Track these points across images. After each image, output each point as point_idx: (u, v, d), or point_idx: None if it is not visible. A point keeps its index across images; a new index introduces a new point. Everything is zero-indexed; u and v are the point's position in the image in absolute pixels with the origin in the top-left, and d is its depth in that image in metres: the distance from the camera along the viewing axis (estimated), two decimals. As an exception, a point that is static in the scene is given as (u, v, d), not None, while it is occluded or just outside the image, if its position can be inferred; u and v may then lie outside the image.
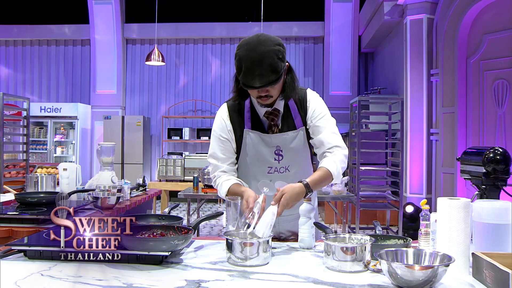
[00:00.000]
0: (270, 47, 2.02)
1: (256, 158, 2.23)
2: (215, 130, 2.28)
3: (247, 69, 2.01)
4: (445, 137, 7.06)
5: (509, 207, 1.75)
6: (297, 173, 2.26)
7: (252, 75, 2.00)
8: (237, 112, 2.25)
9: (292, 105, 2.24)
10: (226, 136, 2.25)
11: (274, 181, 2.14)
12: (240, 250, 1.74)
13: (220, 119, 2.27)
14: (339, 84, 10.80)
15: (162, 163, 9.14)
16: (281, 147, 2.22)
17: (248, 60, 2.00)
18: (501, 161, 2.49)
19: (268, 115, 2.22)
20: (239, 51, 2.05)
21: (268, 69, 2.00)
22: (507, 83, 6.20)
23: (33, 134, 10.72)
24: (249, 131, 2.21)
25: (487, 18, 6.55)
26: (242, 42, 2.07)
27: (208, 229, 7.62)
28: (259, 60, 1.99)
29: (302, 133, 2.24)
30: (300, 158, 2.27)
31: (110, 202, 3.26)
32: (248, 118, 2.23)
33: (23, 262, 1.75)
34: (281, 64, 2.04)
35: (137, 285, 1.52)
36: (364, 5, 10.26)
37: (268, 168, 2.24)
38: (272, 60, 2.00)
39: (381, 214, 7.52)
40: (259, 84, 2.01)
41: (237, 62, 2.05)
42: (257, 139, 2.21)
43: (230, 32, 11.38)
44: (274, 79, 2.02)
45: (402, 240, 1.94)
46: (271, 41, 2.05)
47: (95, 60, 11.37)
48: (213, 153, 2.29)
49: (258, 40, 2.04)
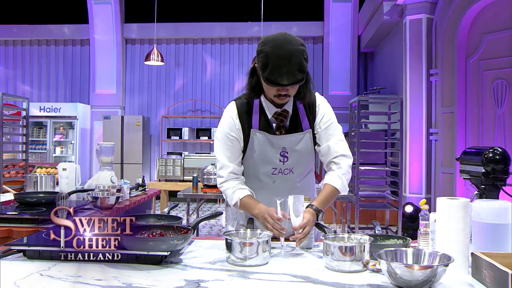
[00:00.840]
0: (297, 46, 2.01)
1: (261, 158, 2.21)
2: (223, 128, 2.24)
3: (275, 66, 1.98)
4: (445, 137, 7.06)
5: (508, 207, 1.75)
6: (300, 175, 2.27)
7: (280, 72, 1.99)
8: (246, 111, 2.23)
9: (300, 107, 2.24)
10: (234, 135, 2.21)
11: (277, 182, 2.14)
12: (239, 250, 1.75)
13: (229, 117, 2.23)
14: (339, 84, 10.81)
15: (161, 163, 9.14)
16: (287, 148, 2.21)
17: (276, 56, 1.98)
18: (501, 161, 2.49)
19: (278, 115, 2.20)
20: (264, 47, 2.02)
21: (296, 68, 1.99)
22: (506, 83, 6.20)
23: (32, 134, 10.72)
24: (256, 131, 2.20)
25: (486, 18, 6.55)
26: (266, 39, 2.05)
27: (208, 229, 7.62)
28: (288, 58, 1.98)
29: (308, 135, 2.23)
30: (304, 160, 2.26)
31: (110, 202, 3.26)
32: (257, 118, 2.21)
33: (22, 262, 1.75)
34: (306, 64, 2.04)
35: (136, 285, 1.52)
36: (364, 5, 10.26)
37: (273, 169, 2.22)
38: (299, 59, 2.00)
39: (381, 214, 7.52)
40: (287, 82, 2.00)
41: (264, 58, 2.01)
42: (264, 140, 2.20)
43: (230, 32, 11.38)
44: (301, 78, 2.03)
45: (401, 240, 1.94)
46: (297, 40, 2.04)
47: (94, 60, 11.37)
48: (221, 152, 2.24)
49: (284, 38, 2.02)
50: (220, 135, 2.25)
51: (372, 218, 6.51)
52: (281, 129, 2.21)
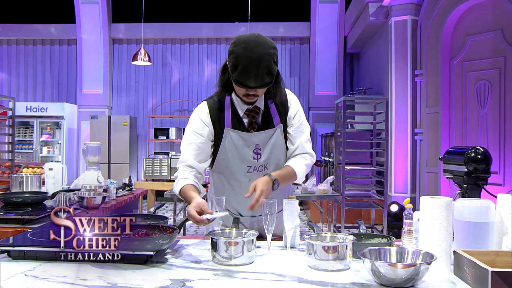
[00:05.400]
0: (267, 50, 2.05)
1: (235, 156, 2.24)
2: (189, 127, 2.29)
3: (243, 68, 2.03)
4: (429, 137, 7.13)
5: (490, 206, 1.78)
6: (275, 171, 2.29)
7: (248, 75, 2.03)
8: (217, 110, 2.26)
9: (271, 103, 2.28)
10: (199, 132, 2.25)
11: (253, 180, 2.16)
12: (224, 249, 1.75)
13: (197, 117, 2.28)
14: (325, 84, 10.84)
15: (148, 162, 9.12)
16: (260, 145, 2.24)
17: (246, 59, 2.02)
18: (482, 160, 2.53)
19: (249, 112, 2.24)
20: (236, 48, 2.06)
21: (264, 71, 2.04)
22: (489, 84, 6.28)
23: (18, 134, 10.62)
24: (229, 130, 2.22)
25: (469, 20, 6.63)
26: (239, 40, 2.09)
27: (195, 228, 7.61)
28: (257, 61, 2.02)
29: (279, 130, 2.27)
30: (277, 156, 2.29)
31: (96, 202, 3.24)
32: (229, 116, 2.24)
33: (7, 262, 1.74)
34: (275, 67, 2.08)
35: (121, 284, 1.52)
36: (350, 6, 10.32)
37: (248, 167, 2.25)
38: (269, 63, 2.04)
39: (366, 213, 7.58)
40: (254, 85, 2.05)
41: (234, 59, 2.05)
42: (237, 137, 2.22)
43: (217, 32, 11.38)
44: (268, 81, 2.07)
45: (385, 238, 1.96)
46: (268, 43, 2.08)
47: (81, 60, 11.29)
48: (183, 148, 2.29)
49: (256, 40, 2.06)
50: (185, 134, 2.30)
51: (357, 217, 6.54)
52: (253, 125, 2.25)
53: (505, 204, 1.80)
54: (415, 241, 1.91)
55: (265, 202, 1.96)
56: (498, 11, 6.14)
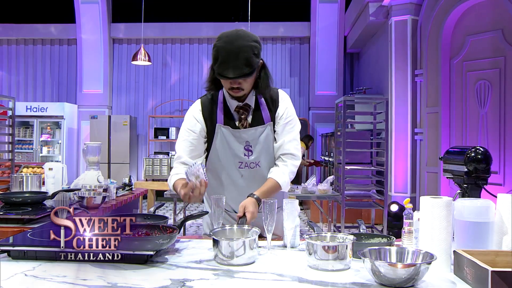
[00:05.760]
0: (247, 42, 2.11)
1: (227, 153, 2.27)
2: (184, 124, 2.34)
3: (223, 60, 2.10)
4: (429, 136, 7.12)
5: (490, 206, 1.78)
6: (267, 168, 2.31)
7: (227, 66, 2.09)
8: (210, 107, 2.31)
9: (262, 101, 2.31)
10: (192, 129, 2.29)
11: (246, 176, 2.22)
12: (226, 249, 1.75)
13: (190, 115, 2.33)
14: (325, 84, 10.85)
15: (148, 162, 9.12)
16: (251, 142, 2.27)
17: (225, 51, 2.10)
18: (482, 160, 2.53)
19: (239, 109, 2.28)
20: (217, 42, 2.15)
21: (243, 62, 2.09)
22: (489, 83, 6.28)
23: (18, 133, 10.63)
24: (221, 126, 2.26)
25: (469, 20, 6.63)
26: (222, 35, 2.17)
27: (195, 228, 7.61)
28: (236, 53, 2.08)
29: (269, 128, 2.29)
30: (269, 152, 2.31)
31: (96, 201, 3.24)
32: (221, 113, 2.28)
33: (7, 262, 1.74)
34: (255, 59, 2.13)
35: (121, 284, 1.52)
36: (350, 6, 10.31)
37: (239, 163, 2.28)
38: (247, 55, 2.10)
39: (366, 213, 7.57)
40: (233, 75, 2.10)
41: (215, 52, 2.14)
42: (228, 134, 2.26)
43: (217, 32, 11.20)
44: (247, 72, 2.11)
45: (386, 238, 1.96)
46: (249, 37, 2.14)
47: (81, 60, 11.29)
48: (178, 145, 2.33)
49: (237, 34, 2.13)
50: (180, 131, 2.35)
51: (357, 217, 6.54)
52: (243, 121, 2.28)
53: (505, 204, 1.80)
54: (415, 241, 1.90)
55: (265, 202, 1.96)
56: (498, 11, 6.14)
